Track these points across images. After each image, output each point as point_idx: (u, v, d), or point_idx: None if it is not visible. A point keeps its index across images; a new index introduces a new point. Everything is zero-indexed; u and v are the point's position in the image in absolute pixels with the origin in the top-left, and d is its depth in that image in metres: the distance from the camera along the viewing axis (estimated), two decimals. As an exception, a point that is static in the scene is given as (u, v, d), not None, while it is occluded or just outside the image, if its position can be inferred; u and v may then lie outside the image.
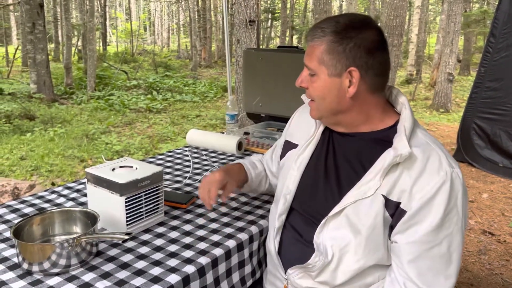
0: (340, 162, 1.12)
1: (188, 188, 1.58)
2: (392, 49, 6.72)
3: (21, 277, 1.00)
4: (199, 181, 1.64)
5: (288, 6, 18.19)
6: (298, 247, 1.15)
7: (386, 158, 1.00)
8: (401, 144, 1.00)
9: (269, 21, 23.04)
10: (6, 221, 1.28)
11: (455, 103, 9.12)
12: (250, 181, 1.40)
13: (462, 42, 14.51)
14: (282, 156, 1.31)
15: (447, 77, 8.12)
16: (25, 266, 1.02)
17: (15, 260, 1.06)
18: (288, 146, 1.29)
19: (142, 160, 1.81)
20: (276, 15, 20.76)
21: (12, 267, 1.04)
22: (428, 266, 0.97)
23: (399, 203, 0.99)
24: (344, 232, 1.04)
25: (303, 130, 1.25)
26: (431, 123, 7.30)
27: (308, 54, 1.08)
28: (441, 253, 0.97)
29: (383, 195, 1.00)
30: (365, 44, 1.02)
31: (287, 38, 17.81)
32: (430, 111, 8.40)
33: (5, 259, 1.08)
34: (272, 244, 1.20)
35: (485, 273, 2.68)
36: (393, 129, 1.06)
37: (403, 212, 0.98)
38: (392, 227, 1.01)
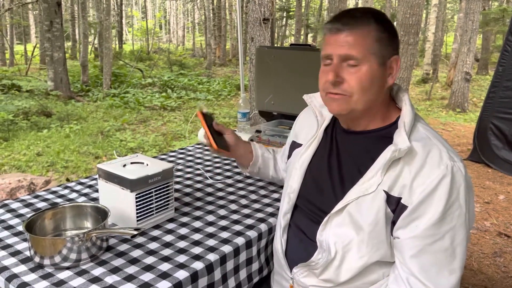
0: (343, 160, 1.12)
1: (198, 185, 1.58)
2: (408, 48, 6.63)
3: (32, 270, 1.02)
4: (214, 179, 1.64)
5: (303, 4, 18.13)
6: (302, 246, 1.15)
7: (386, 154, 1.00)
8: (400, 139, 1.00)
9: (284, 19, 22.98)
10: (19, 215, 1.30)
11: (472, 102, 8.97)
12: (256, 157, 1.47)
13: (481, 41, 14.26)
14: (289, 156, 1.33)
15: (464, 76, 7.98)
16: (36, 259, 1.04)
17: (27, 253, 1.08)
18: (294, 146, 1.31)
19: (154, 157, 1.82)
20: (291, 13, 20.70)
21: (24, 260, 1.06)
22: (430, 261, 0.96)
23: (400, 198, 0.98)
24: (347, 229, 1.03)
25: (307, 130, 1.27)
26: (447, 123, 7.19)
27: (347, 43, 1.00)
28: (444, 247, 0.96)
29: (384, 191, 1.00)
30: (397, 34, 1.06)
31: (301, 37, 17.74)
32: (446, 110, 8.27)
33: (18, 252, 1.09)
34: (279, 243, 1.20)
35: (500, 275, 2.63)
36: (395, 126, 1.06)
37: (404, 207, 0.98)
38: (394, 223, 1.01)
